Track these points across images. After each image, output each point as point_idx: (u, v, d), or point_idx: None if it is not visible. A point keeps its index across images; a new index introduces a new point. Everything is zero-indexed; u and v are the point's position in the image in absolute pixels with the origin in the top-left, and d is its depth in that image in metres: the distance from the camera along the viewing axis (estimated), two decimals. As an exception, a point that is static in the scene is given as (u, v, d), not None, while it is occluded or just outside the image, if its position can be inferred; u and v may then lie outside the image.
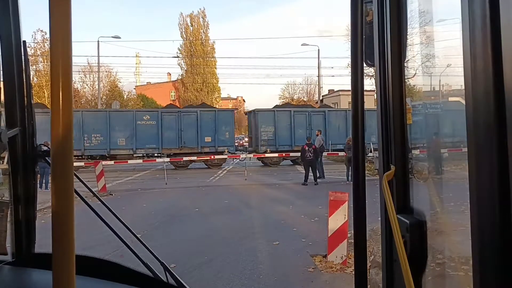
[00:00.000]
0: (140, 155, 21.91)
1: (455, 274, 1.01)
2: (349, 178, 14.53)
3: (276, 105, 28.93)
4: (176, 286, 1.43)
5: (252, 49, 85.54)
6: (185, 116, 22.10)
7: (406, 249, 0.85)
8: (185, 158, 19.77)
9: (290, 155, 21.30)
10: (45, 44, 33.61)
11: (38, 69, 35.11)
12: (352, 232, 1.12)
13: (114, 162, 19.62)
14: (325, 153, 18.13)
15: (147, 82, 53.84)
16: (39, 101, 29.25)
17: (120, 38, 31.64)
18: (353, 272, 1.08)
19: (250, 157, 20.95)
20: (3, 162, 1.52)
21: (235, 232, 7.75)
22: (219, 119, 22.08)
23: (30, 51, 33.47)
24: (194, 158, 19.95)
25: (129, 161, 19.92)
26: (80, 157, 20.44)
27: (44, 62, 34.82)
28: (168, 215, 9.69)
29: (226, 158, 21.98)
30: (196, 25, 47.06)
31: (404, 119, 0.97)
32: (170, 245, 6.80)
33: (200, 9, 50.07)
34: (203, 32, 47.18)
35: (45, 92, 33.08)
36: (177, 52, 47.10)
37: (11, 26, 1.42)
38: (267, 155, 21.50)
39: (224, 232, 7.81)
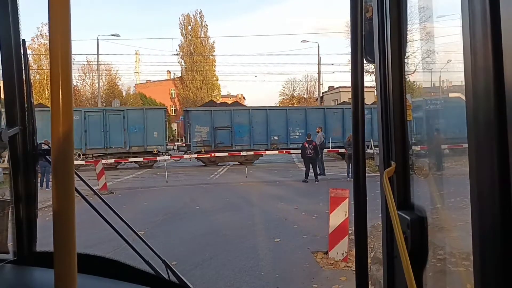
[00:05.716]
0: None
1: (456, 270, 1.01)
2: (350, 175, 14.54)
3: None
4: (177, 283, 1.43)
5: (252, 46, 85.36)
6: (111, 116, 21.44)
7: (407, 245, 0.85)
8: (115, 160, 19.44)
9: (216, 155, 20.66)
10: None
11: (45, 65, 34.43)
12: (353, 228, 1.12)
13: (115, 161, 19.67)
14: (325, 150, 18.14)
15: (147, 80, 53.75)
16: (41, 101, 28.99)
17: (119, 36, 31.67)
18: (354, 269, 1.08)
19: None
20: (3, 161, 1.52)
21: (236, 230, 7.76)
22: (148, 118, 21.49)
23: (35, 45, 33.22)
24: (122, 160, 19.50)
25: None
26: None
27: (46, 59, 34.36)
28: (169, 213, 9.71)
29: (156, 159, 20.76)
30: (195, 24, 47.09)
31: (405, 115, 0.97)
32: (171, 243, 6.81)
33: (196, 10, 50.10)
34: (203, 32, 47.23)
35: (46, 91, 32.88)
36: (176, 50, 47.13)
37: (11, 25, 1.41)
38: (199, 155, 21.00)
39: (225, 229, 7.82)
